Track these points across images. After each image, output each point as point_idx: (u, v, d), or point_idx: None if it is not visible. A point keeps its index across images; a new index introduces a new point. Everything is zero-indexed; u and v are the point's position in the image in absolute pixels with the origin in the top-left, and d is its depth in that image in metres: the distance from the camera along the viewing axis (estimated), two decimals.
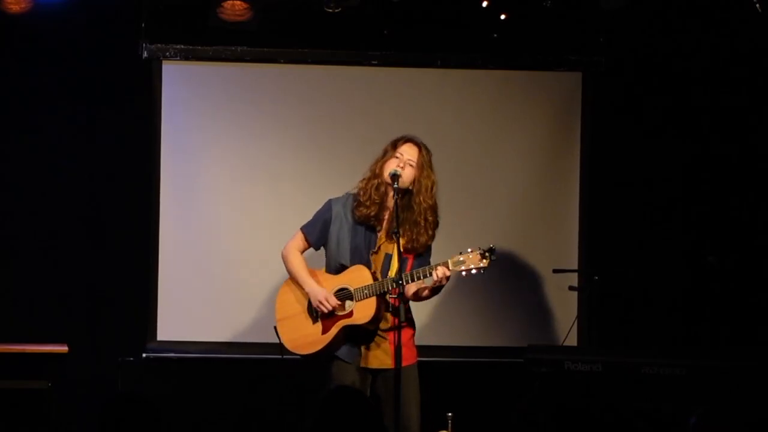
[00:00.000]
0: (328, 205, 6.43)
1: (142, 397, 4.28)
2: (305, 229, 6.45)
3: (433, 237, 6.33)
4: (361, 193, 6.33)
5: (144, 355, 7.71)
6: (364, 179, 6.36)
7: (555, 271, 7.76)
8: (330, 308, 6.21)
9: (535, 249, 7.95)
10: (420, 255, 6.32)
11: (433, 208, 6.31)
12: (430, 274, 6.10)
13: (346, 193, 6.43)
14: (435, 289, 6.22)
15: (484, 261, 6.09)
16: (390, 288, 6.13)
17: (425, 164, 6.30)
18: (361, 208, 6.31)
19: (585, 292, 7.69)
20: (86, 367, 7.65)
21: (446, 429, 6.12)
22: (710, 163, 8.00)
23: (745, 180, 7.98)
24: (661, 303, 7.96)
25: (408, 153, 6.30)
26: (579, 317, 7.81)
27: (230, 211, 7.81)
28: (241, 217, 7.81)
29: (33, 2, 7.31)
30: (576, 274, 7.85)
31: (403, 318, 6.08)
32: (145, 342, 7.74)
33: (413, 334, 6.41)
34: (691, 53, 7.93)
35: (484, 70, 7.94)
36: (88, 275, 7.76)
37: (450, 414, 6.11)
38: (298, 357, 6.42)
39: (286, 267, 6.46)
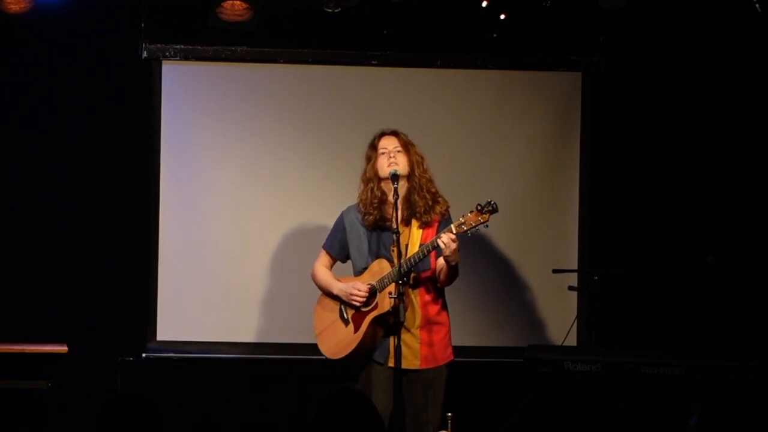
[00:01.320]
0: (340, 217, 6.54)
1: (142, 396, 4.28)
2: (325, 246, 6.58)
3: (446, 202, 6.41)
4: (361, 205, 6.43)
5: (144, 355, 7.71)
6: (359, 190, 6.45)
7: (555, 271, 7.76)
8: (363, 295, 6.26)
9: (535, 249, 7.95)
10: (441, 222, 6.35)
11: (430, 180, 6.41)
12: (437, 245, 6.12)
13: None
14: (449, 263, 6.20)
15: (484, 215, 6.12)
16: (408, 267, 6.16)
17: (408, 144, 6.42)
18: (366, 217, 6.41)
19: (585, 292, 7.69)
20: (86, 367, 7.66)
21: (446, 429, 6.12)
22: (711, 162, 8.00)
23: (745, 180, 7.98)
24: (661, 303, 7.96)
25: (389, 144, 6.40)
26: (579, 317, 7.81)
27: (230, 211, 7.80)
28: (241, 217, 7.81)
29: (33, 2, 7.31)
30: (576, 274, 7.86)
31: (403, 318, 6.10)
32: (145, 342, 7.74)
33: (446, 333, 6.44)
34: (691, 53, 7.93)
35: (484, 70, 7.94)
36: (88, 275, 7.76)
37: (450, 414, 6.11)
38: (336, 360, 6.44)
39: (316, 283, 6.55)
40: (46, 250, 7.73)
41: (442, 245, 6.08)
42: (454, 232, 6.10)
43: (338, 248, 6.52)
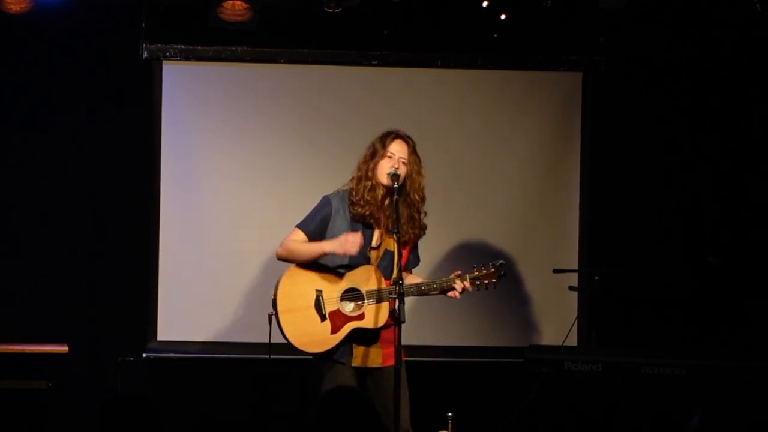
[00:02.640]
0: (327, 200, 6.36)
1: (142, 397, 4.28)
2: (302, 226, 6.35)
3: (423, 228, 6.33)
4: (353, 193, 6.30)
5: (144, 355, 7.71)
6: (354, 178, 6.33)
7: (555, 271, 7.76)
8: (360, 243, 6.14)
9: (535, 249, 7.95)
10: (413, 246, 6.34)
11: (423, 201, 6.33)
12: (448, 287, 6.18)
13: (341, 190, 6.38)
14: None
15: (496, 278, 6.23)
16: (413, 294, 6.20)
17: (416, 160, 6.31)
18: (356, 208, 6.28)
19: (585, 292, 7.70)
20: (86, 367, 7.66)
21: (446, 429, 6.12)
22: (711, 162, 8.01)
23: (745, 180, 7.98)
24: (661, 303, 7.96)
25: (399, 151, 6.28)
26: (579, 317, 7.81)
27: (230, 210, 7.81)
28: (241, 217, 7.81)
29: (33, 2, 7.31)
30: (576, 274, 7.86)
31: (404, 318, 6.08)
32: (145, 342, 7.74)
33: (399, 333, 6.42)
34: (691, 53, 7.94)
35: (484, 70, 7.94)
36: (88, 275, 7.76)
37: (450, 414, 6.11)
38: (300, 354, 6.40)
39: (291, 256, 6.29)
40: (46, 250, 7.73)
41: (456, 295, 6.20)
42: (469, 283, 6.18)
43: (315, 229, 6.31)
